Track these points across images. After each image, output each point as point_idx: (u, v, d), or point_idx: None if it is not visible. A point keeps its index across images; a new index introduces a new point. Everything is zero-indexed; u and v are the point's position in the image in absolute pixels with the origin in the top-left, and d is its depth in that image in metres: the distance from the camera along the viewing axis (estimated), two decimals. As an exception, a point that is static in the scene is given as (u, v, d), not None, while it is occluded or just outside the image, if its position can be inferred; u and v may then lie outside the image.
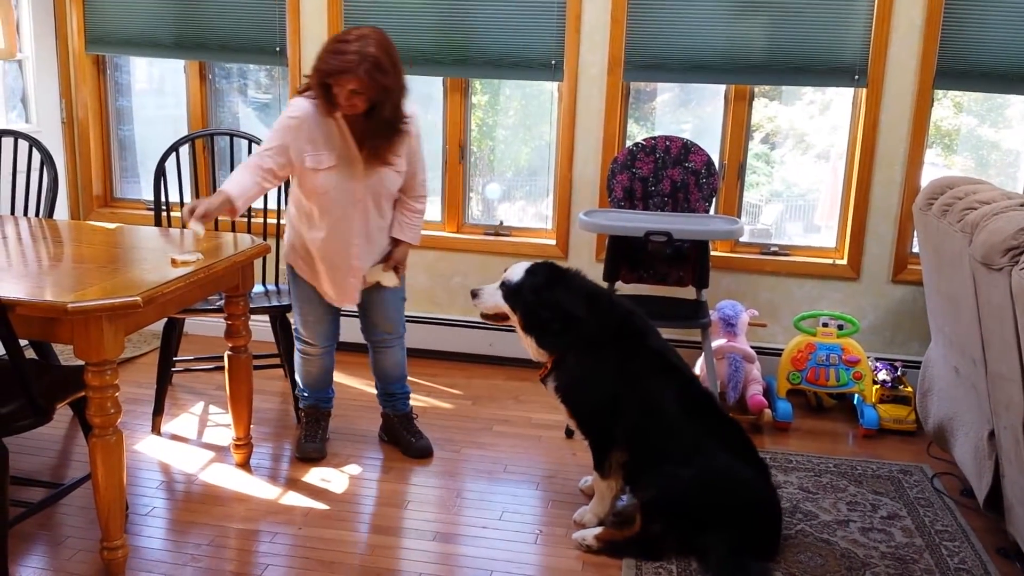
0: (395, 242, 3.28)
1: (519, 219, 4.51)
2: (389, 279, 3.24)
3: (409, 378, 3.52)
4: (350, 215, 3.10)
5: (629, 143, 4.14)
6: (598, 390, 2.86)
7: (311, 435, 3.41)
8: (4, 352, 2.39)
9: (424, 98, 4.53)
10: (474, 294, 3.04)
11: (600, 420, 2.87)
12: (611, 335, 2.87)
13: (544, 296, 2.86)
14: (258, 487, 3.17)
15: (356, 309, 3.34)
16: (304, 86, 3.03)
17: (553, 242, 4.30)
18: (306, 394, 3.43)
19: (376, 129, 2.96)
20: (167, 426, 3.61)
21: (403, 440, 3.46)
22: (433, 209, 4.51)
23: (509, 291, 2.94)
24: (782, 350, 3.94)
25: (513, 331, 3.03)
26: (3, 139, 3.65)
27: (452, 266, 4.40)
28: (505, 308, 2.96)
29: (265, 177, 3.00)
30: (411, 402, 3.53)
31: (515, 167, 4.53)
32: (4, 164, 3.62)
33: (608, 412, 2.84)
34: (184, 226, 2.80)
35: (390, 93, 2.89)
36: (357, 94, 2.84)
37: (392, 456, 3.42)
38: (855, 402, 3.90)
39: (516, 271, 2.96)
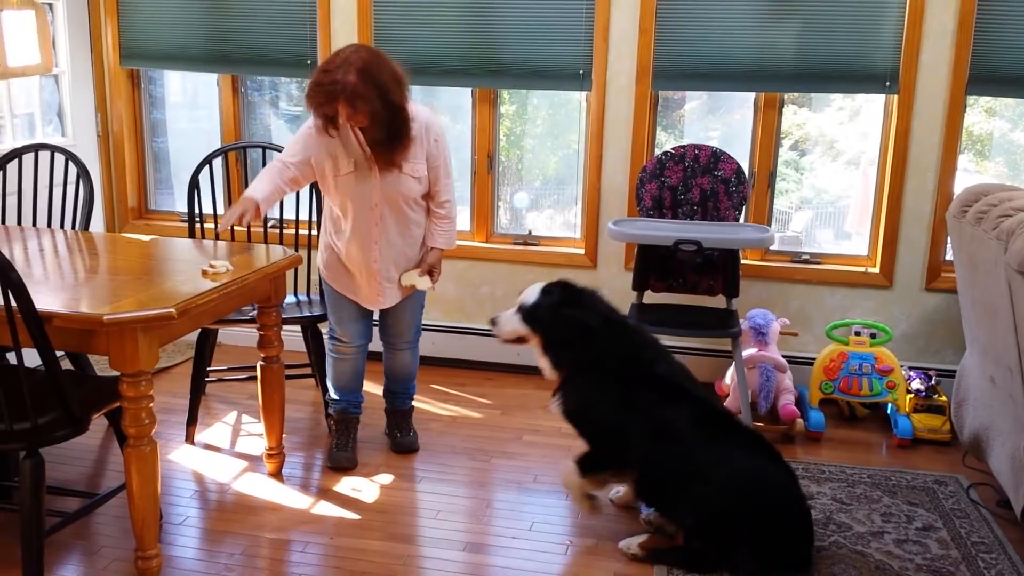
0: (429, 247, 3.35)
1: (547, 228, 4.51)
2: (423, 283, 3.31)
3: (439, 387, 3.54)
4: (368, 219, 3.18)
5: (658, 152, 4.13)
6: (601, 415, 2.86)
7: (342, 444, 3.44)
8: (41, 363, 2.43)
9: (453, 109, 4.55)
10: (493, 322, 3.06)
11: (606, 443, 2.87)
12: (620, 360, 2.86)
13: (560, 313, 2.88)
14: (290, 496, 3.20)
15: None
16: None
17: (582, 251, 4.30)
18: (336, 398, 3.46)
19: (375, 142, 3.03)
20: (200, 436, 3.65)
21: (392, 434, 3.54)
22: (462, 219, 4.53)
23: (526, 313, 2.95)
24: (814, 359, 3.91)
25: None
26: (40, 153, 3.72)
27: (481, 275, 4.41)
28: (524, 331, 2.96)
29: (287, 183, 3.12)
30: (412, 402, 3.60)
31: (543, 176, 4.54)
32: (41, 177, 3.68)
33: (613, 437, 2.84)
34: (217, 236, 2.84)
35: (376, 116, 2.93)
36: (351, 116, 2.93)
37: (423, 465, 3.43)
38: (888, 412, 3.86)
39: (531, 293, 2.98)
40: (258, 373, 3.24)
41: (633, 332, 2.97)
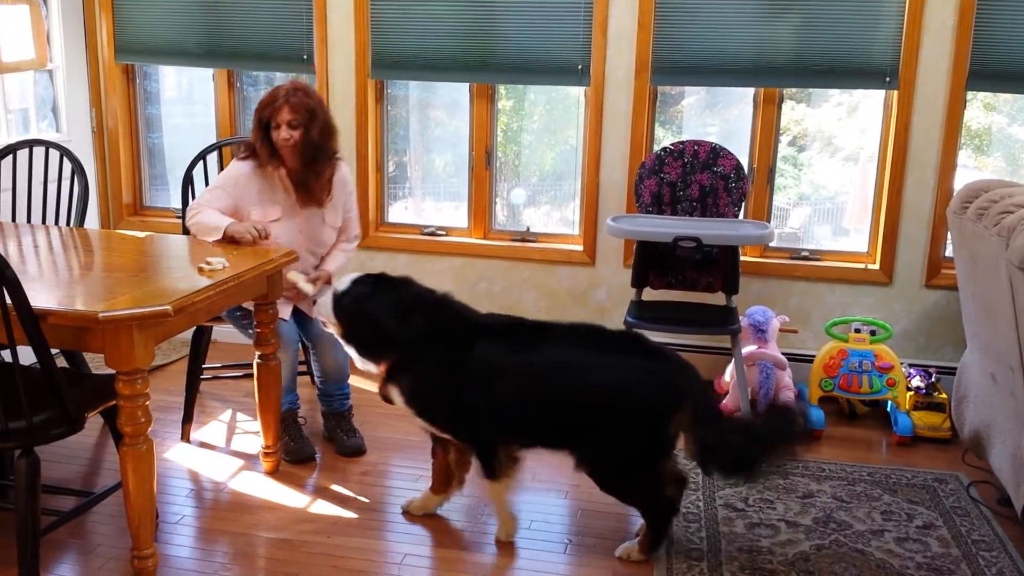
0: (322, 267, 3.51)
1: (544, 224, 4.49)
2: (307, 287, 3.27)
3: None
4: None
5: (656, 147, 4.11)
6: (439, 392, 2.80)
7: (294, 436, 3.44)
8: (36, 361, 2.40)
9: (450, 104, 4.53)
10: (314, 302, 3.07)
11: (463, 419, 2.81)
12: (434, 338, 2.81)
13: (363, 306, 2.83)
14: (287, 495, 3.18)
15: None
16: (243, 154, 3.39)
17: (580, 248, 4.28)
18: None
19: (309, 152, 3.28)
20: (196, 434, 3.62)
21: (336, 437, 3.51)
22: (459, 215, 4.51)
23: (335, 300, 2.90)
24: (814, 356, 3.90)
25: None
26: (34, 148, 3.69)
27: (478, 272, 4.39)
28: (331, 316, 2.90)
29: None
30: (349, 402, 3.57)
31: (540, 172, 4.52)
32: (36, 173, 3.66)
33: (462, 408, 2.77)
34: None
35: (316, 114, 3.27)
36: (292, 127, 3.22)
37: (420, 464, 3.41)
38: (888, 409, 3.85)
39: (344, 281, 2.93)
40: (255, 371, 3.21)
41: (442, 307, 2.90)
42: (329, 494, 3.19)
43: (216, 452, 3.50)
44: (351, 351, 2.93)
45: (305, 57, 4.31)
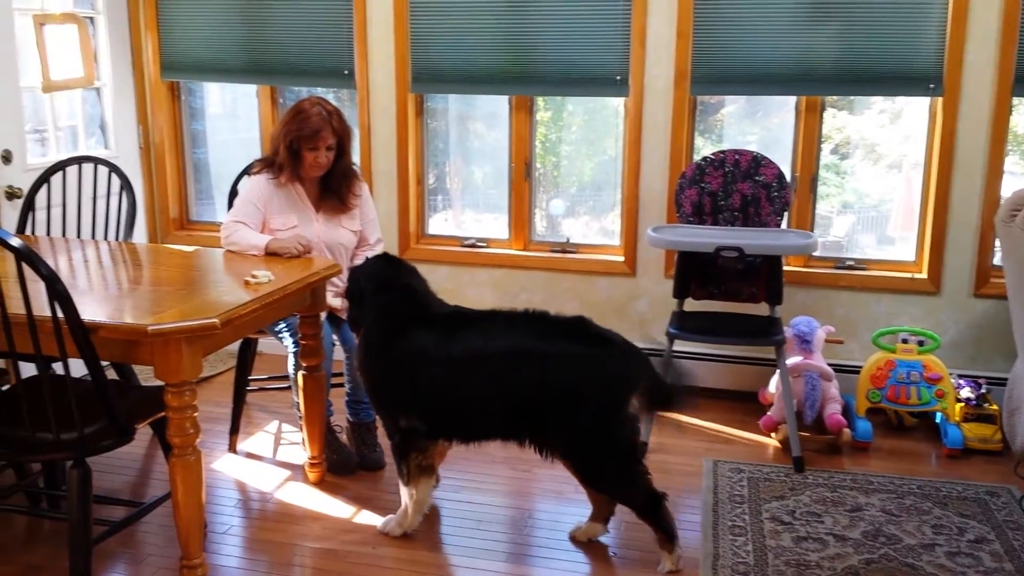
0: None
1: (583, 235, 4.49)
2: (334, 301, 3.42)
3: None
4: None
5: (696, 157, 4.10)
6: (371, 369, 2.91)
7: (334, 447, 3.47)
8: (87, 374, 2.45)
9: (489, 116, 4.55)
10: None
11: (391, 406, 2.90)
12: (382, 319, 2.90)
13: (362, 279, 2.99)
14: (332, 505, 3.20)
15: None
16: (256, 169, 3.45)
17: (621, 259, 4.27)
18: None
19: (343, 172, 3.42)
20: (243, 444, 3.67)
21: (358, 451, 3.51)
22: (499, 226, 4.52)
23: (351, 280, 3.06)
24: (860, 367, 3.84)
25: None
26: (83, 165, 3.76)
27: (518, 283, 4.40)
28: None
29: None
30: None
31: (579, 183, 4.52)
32: (85, 189, 3.73)
33: (405, 394, 2.84)
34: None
35: (351, 137, 3.43)
36: (331, 150, 3.33)
37: (464, 475, 3.42)
38: (938, 421, 3.78)
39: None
40: (300, 383, 3.24)
41: (408, 293, 2.96)
42: (373, 504, 3.20)
43: (262, 463, 3.54)
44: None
45: (346, 72, 4.36)
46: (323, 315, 3.31)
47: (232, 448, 3.61)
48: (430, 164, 4.57)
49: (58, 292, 2.29)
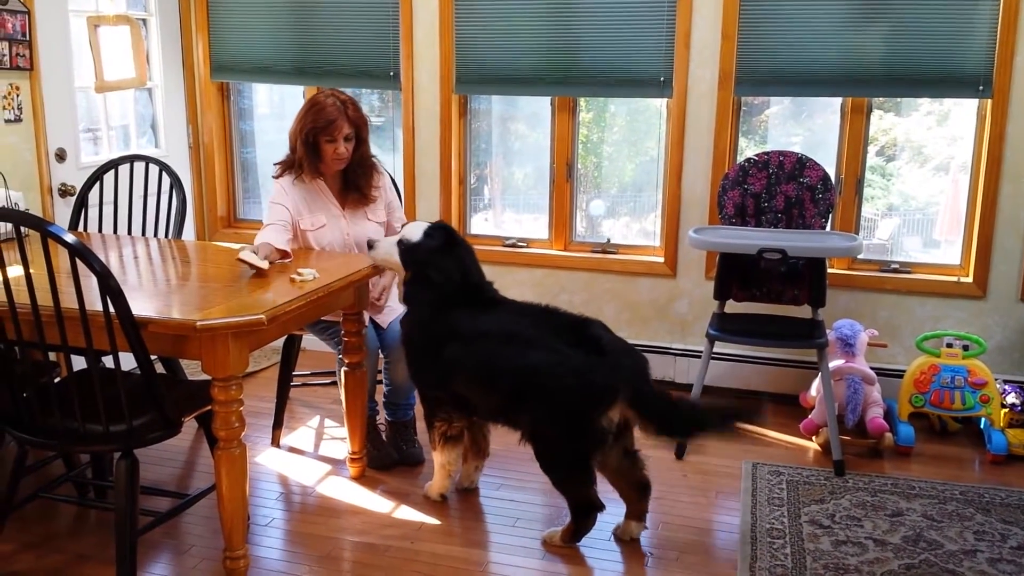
0: None
1: (624, 236, 4.49)
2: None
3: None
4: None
5: (740, 158, 4.08)
6: (423, 342, 3.03)
7: (376, 443, 3.54)
8: (135, 367, 2.51)
9: (531, 117, 4.57)
10: (370, 245, 3.16)
11: (420, 379, 3.11)
12: (456, 304, 3.02)
13: (436, 258, 3.04)
14: (372, 500, 3.24)
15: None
16: (278, 172, 3.42)
17: (661, 259, 4.26)
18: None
19: (360, 163, 3.39)
20: (285, 439, 3.73)
21: (397, 448, 3.54)
22: (539, 227, 4.54)
23: (406, 249, 3.07)
24: (903, 372, 3.80)
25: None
26: (135, 164, 3.85)
27: (559, 283, 4.41)
28: (396, 262, 3.09)
29: (288, 235, 3.33)
30: (412, 412, 3.60)
31: (620, 183, 4.52)
32: (136, 187, 3.81)
33: (425, 369, 3.04)
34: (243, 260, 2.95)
35: (367, 124, 3.39)
36: (348, 140, 3.30)
37: (502, 473, 3.44)
38: (982, 426, 3.73)
39: (415, 231, 3.10)
40: (342, 379, 3.29)
41: (478, 290, 3.10)
42: (412, 500, 3.24)
43: (304, 457, 3.60)
44: (401, 291, 3.15)
45: (392, 74, 4.41)
46: (367, 315, 3.35)
47: (275, 442, 3.68)
48: (471, 164, 4.61)
49: (110, 287, 2.35)
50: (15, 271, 2.57)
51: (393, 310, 3.54)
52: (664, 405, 2.81)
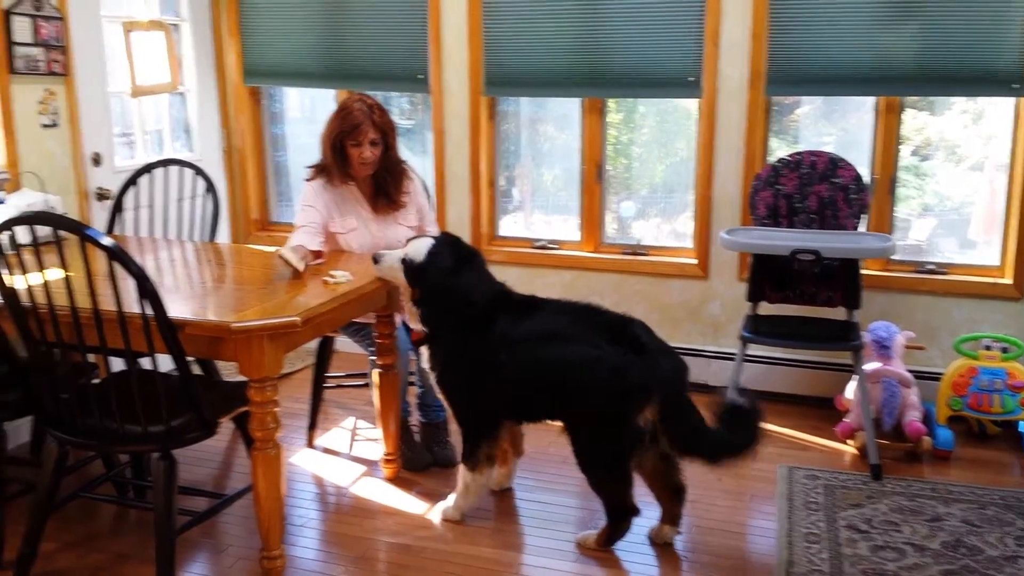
0: None
1: (654, 237, 4.47)
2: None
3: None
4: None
5: (770, 158, 4.05)
6: (471, 363, 2.94)
7: (409, 444, 3.54)
8: (173, 369, 2.53)
9: (560, 119, 4.57)
10: (375, 259, 3.03)
11: (472, 400, 3.00)
12: (486, 322, 2.94)
13: (449, 280, 2.94)
14: (406, 501, 3.25)
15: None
16: (311, 175, 3.42)
17: (694, 261, 4.24)
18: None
19: (389, 169, 3.39)
20: (320, 440, 3.75)
21: (430, 449, 3.55)
22: (568, 228, 4.54)
23: (411, 271, 2.96)
24: (941, 374, 3.75)
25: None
26: (170, 167, 3.89)
27: (589, 285, 4.40)
28: (401, 281, 2.99)
29: (320, 238, 3.32)
30: (445, 414, 3.58)
31: (650, 184, 4.51)
32: (171, 191, 3.85)
33: (480, 388, 2.94)
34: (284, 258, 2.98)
35: (394, 129, 3.38)
36: (375, 144, 3.30)
37: (535, 475, 3.44)
38: (1021, 430, 3.67)
39: (420, 250, 2.97)
40: (376, 380, 3.30)
41: (502, 297, 3.04)
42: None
43: (339, 458, 3.62)
44: (413, 310, 3.02)
45: (421, 77, 4.43)
46: (399, 318, 3.36)
47: (310, 443, 3.70)
48: (501, 166, 4.61)
49: (148, 290, 2.37)
50: (54, 274, 2.60)
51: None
52: (692, 423, 2.79)
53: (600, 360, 2.76)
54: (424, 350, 3.07)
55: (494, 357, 2.90)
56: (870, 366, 3.62)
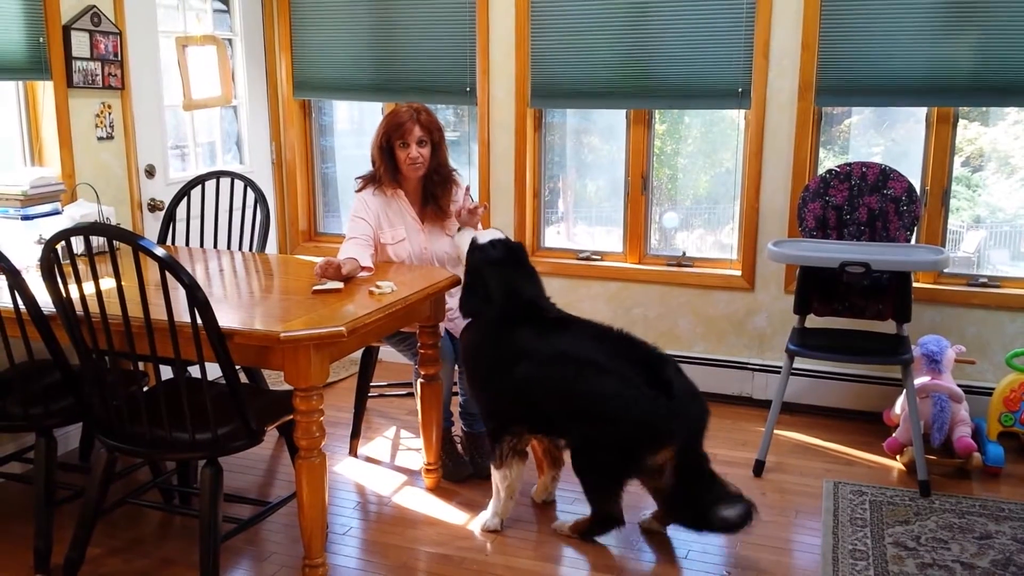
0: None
1: (698, 248, 4.44)
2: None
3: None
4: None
5: (819, 169, 4.00)
6: (482, 362, 3.06)
7: (451, 455, 3.56)
8: (220, 377, 2.58)
9: (605, 130, 4.57)
10: (459, 229, 3.31)
11: (487, 397, 3.08)
12: (508, 325, 3.03)
13: (485, 269, 3.09)
14: (447, 511, 3.26)
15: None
16: (360, 186, 3.50)
17: (739, 273, 4.20)
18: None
19: (437, 171, 3.43)
20: (363, 449, 3.78)
21: (472, 460, 3.55)
22: (611, 240, 4.53)
23: (471, 246, 3.17)
24: (992, 389, 3.66)
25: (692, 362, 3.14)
26: (221, 179, 3.96)
27: (633, 297, 4.39)
28: (463, 255, 3.20)
29: (370, 250, 3.39)
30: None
31: (694, 195, 4.48)
32: (222, 202, 3.93)
33: (494, 387, 3.02)
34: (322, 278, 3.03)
35: (442, 132, 3.44)
36: (421, 145, 3.35)
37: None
38: (1078, 447, 3.58)
39: (486, 235, 3.19)
40: (418, 390, 3.33)
41: (531, 308, 3.10)
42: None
43: (381, 467, 3.64)
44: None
45: (468, 90, 4.46)
46: (442, 327, 3.38)
47: (352, 452, 3.73)
48: (545, 177, 4.62)
49: (198, 300, 2.41)
50: (107, 283, 2.66)
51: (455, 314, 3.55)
52: (693, 483, 2.87)
53: (635, 400, 2.80)
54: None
55: (511, 365, 2.96)
56: (920, 380, 3.55)
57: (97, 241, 3.21)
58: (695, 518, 2.90)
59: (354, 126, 5.19)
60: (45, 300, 2.58)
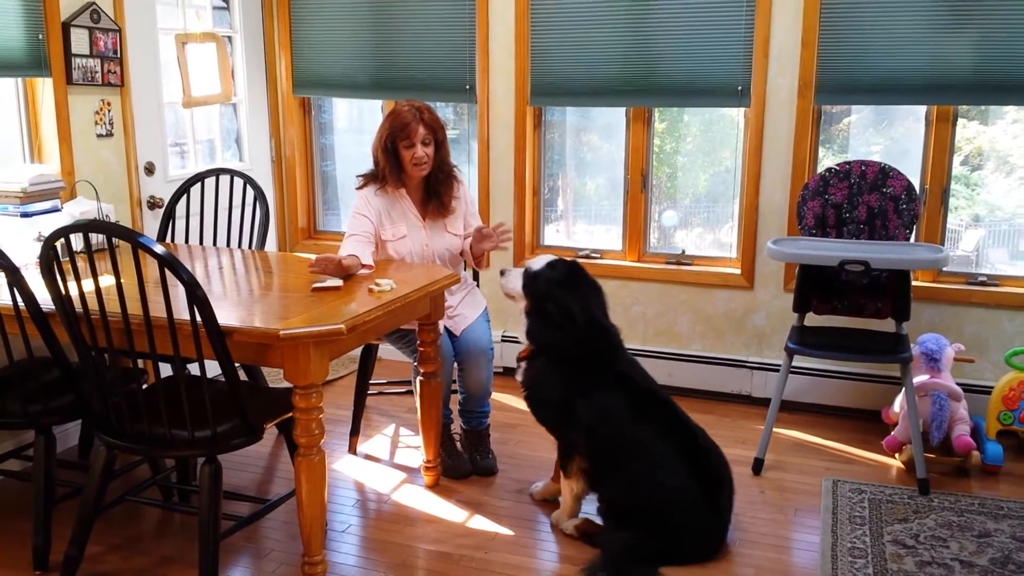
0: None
1: (697, 247, 4.44)
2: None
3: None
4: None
5: (819, 168, 4.00)
6: (554, 394, 3.02)
7: (450, 452, 3.56)
8: (219, 374, 2.58)
9: (604, 128, 4.57)
10: (502, 273, 3.18)
11: (557, 422, 3.06)
12: (585, 355, 3.00)
13: (555, 292, 3.00)
14: (446, 509, 3.27)
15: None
16: (361, 183, 3.48)
17: (738, 271, 4.21)
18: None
19: (441, 168, 3.42)
20: (362, 446, 3.78)
21: (471, 457, 3.55)
22: (610, 238, 4.53)
23: (527, 278, 3.07)
24: (991, 388, 3.67)
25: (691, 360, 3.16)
26: (220, 177, 3.96)
27: (632, 295, 4.39)
28: (519, 293, 3.09)
29: (371, 247, 3.38)
30: (488, 421, 3.61)
31: (694, 194, 4.48)
32: (221, 200, 3.92)
33: (563, 418, 3.01)
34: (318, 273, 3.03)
35: (444, 130, 3.44)
36: (427, 143, 3.34)
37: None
38: (1077, 446, 3.58)
39: (539, 261, 3.11)
40: (417, 388, 3.33)
41: (607, 335, 3.08)
42: (485, 509, 3.26)
43: (380, 464, 3.65)
44: (524, 327, 3.09)
45: (468, 87, 4.46)
46: (442, 325, 3.38)
47: (352, 449, 3.74)
48: (545, 175, 4.62)
49: (198, 297, 2.41)
50: (106, 281, 2.66)
51: (466, 318, 3.55)
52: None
53: (696, 516, 2.89)
54: (522, 364, 3.12)
55: (586, 413, 2.96)
56: (919, 379, 3.56)
57: (96, 238, 3.22)
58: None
59: (354, 124, 5.19)
60: (44, 297, 2.58)
